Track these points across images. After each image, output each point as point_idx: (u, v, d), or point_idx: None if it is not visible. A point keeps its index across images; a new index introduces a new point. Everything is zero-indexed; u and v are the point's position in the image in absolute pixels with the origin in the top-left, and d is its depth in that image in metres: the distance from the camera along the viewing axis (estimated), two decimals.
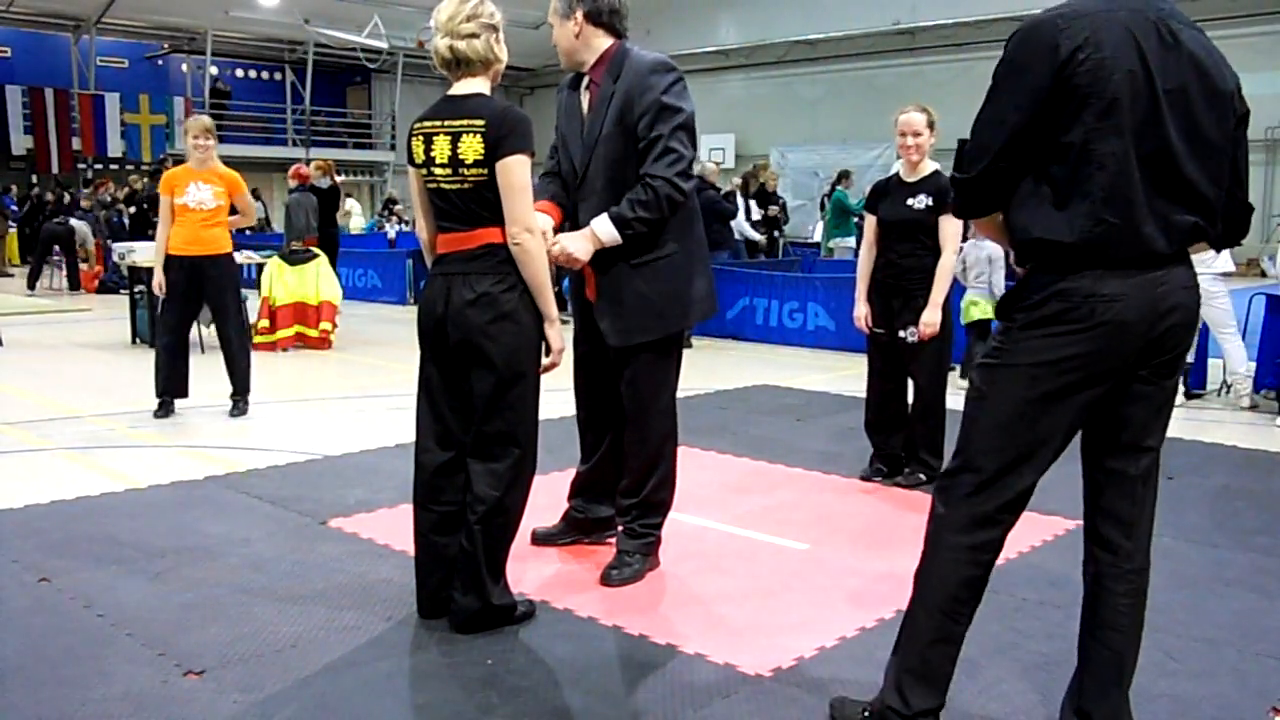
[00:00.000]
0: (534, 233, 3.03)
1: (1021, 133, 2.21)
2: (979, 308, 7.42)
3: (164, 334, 6.39)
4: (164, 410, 6.39)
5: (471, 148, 2.99)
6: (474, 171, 3.01)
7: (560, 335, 3.18)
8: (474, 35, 3.05)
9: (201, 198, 6.23)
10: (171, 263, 6.24)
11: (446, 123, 3.05)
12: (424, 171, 3.13)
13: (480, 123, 2.99)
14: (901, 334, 4.82)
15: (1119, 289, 2.21)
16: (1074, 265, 2.23)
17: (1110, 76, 2.13)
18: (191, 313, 6.57)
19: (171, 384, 6.40)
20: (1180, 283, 2.27)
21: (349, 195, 20.66)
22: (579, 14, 3.48)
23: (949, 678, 2.44)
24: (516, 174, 2.99)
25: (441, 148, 3.04)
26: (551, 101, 4.34)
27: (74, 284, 15.26)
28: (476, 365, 3.08)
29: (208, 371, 6.91)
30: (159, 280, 6.26)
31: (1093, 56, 2.13)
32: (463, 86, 3.10)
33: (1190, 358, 7.20)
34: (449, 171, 3.04)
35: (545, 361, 3.18)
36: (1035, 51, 2.17)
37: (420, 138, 3.11)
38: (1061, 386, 2.26)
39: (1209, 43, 2.26)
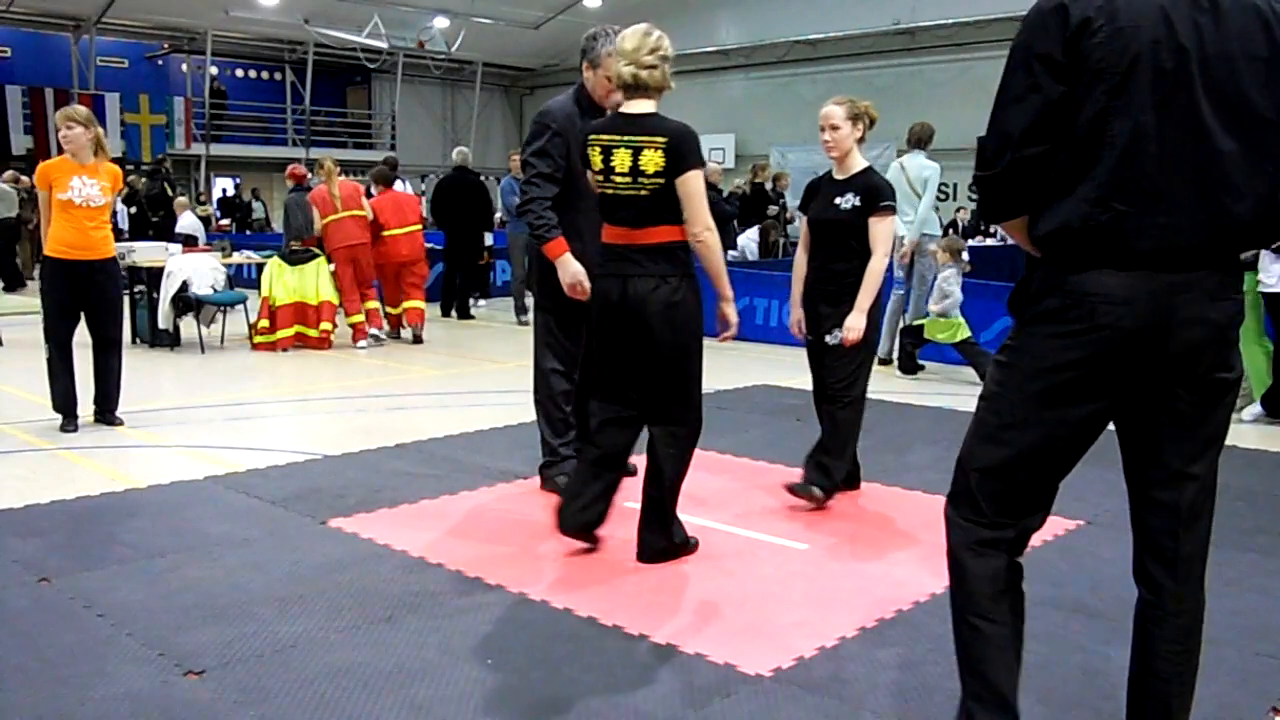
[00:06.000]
0: (713, 230, 3.60)
1: (1046, 114, 1.97)
2: (939, 328, 7.81)
3: (59, 347, 5.84)
4: (73, 425, 5.96)
5: (653, 161, 3.50)
6: (652, 181, 3.51)
7: (734, 310, 3.88)
8: (654, 66, 3.57)
9: (89, 194, 5.67)
10: (56, 268, 5.71)
11: (626, 138, 3.54)
12: (600, 178, 3.62)
13: (661, 140, 3.50)
14: (826, 338, 4.56)
15: (1124, 291, 1.96)
16: (1081, 259, 2.00)
17: (1127, 47, 1.92)
18: (77, 320, 5.95)
19: (73, 398, 5.95)
20: (1209, 291, 1.98)
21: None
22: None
23: (1012, 690, 2.17)
24: (696, 185, 3.53)
25: (622, 159, 3.54)
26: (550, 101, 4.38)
27: None
28: (654, 345, 3.59)
29: (208, 371, 6.90)
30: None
31: (1107, 26, 1.92)
32: (636, 106, 3.59)
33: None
34: (629, 180, 3.55)
35: (726, 333, 3.83)
36: (1045, 25, 1.97)
37: (598, 148, 3.60)
38: (1059, 393, 2.05)
39: (1263, 2, 1.97)
